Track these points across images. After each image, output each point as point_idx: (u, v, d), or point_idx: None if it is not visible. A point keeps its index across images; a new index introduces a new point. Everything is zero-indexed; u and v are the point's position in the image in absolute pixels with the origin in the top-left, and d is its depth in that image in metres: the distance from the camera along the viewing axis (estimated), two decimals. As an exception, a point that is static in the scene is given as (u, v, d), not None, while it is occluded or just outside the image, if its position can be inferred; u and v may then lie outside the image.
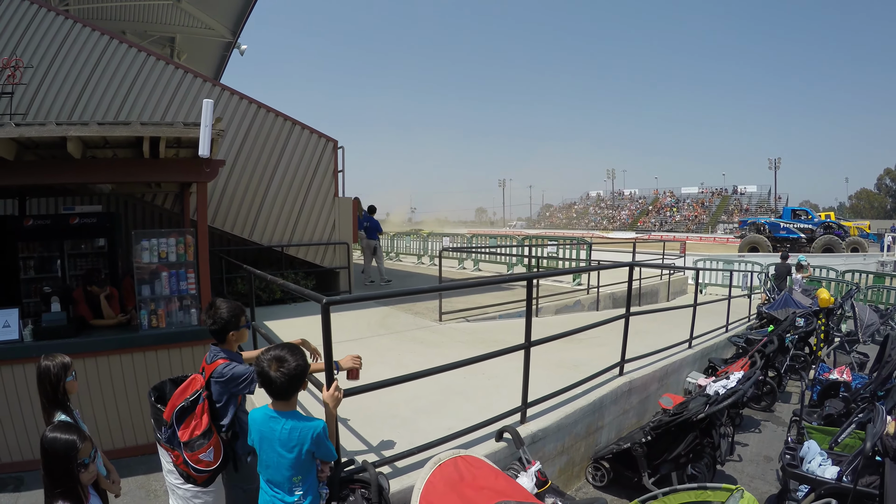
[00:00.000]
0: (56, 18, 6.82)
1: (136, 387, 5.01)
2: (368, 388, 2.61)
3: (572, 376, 4.14)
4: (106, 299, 5.34)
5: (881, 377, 4.82)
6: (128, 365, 4.99)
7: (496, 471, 2.27)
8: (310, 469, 2.18)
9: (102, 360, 4.92)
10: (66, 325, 4.93)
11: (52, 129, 4.46)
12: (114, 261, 6.62)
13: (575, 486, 3.99)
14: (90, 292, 5.35)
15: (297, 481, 2.13)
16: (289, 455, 2.10)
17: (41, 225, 6.18)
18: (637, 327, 6.19)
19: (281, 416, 2.13)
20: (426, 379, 3.19)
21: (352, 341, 5.57)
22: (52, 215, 6.86)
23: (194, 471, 2.58)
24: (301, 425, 2.11)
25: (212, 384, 2.58)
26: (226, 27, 14.64)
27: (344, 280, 8.14)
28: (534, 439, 3.33)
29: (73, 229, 6.27)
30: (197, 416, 2.55)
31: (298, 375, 2.12)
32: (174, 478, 3.50)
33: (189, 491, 3.43)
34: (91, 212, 6.61)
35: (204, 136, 4.15)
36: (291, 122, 7.71)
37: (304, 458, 2.11)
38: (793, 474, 3.31)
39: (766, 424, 5.67)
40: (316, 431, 2.11)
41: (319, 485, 2.26)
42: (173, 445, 2.58)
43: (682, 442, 3.62)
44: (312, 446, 2.10)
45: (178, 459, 2.60)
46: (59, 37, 6.82)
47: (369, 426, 3.30)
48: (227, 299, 2.72)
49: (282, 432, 2.10)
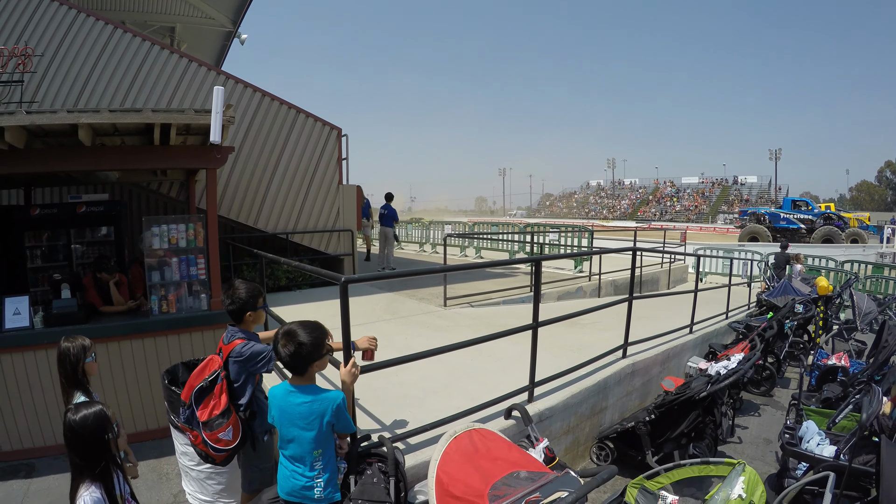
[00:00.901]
0: (60, 8, 6.82)
1: (147, 372, 5.09)
2: (381, 365, 2.68)
3: (576, 358, 4.22)
4: (115, 286, 5.42)
5: (878, 362, 4.91)
6: (139, 350, 5.06)
7: (509, 443, 2.35)
8: (329, 443, 2.23)
9: (114, 345, 4.99)
10: (76, 311, 4.99)
11: (64, 117, 4.48)
12: (120, 249, 6.68)
13: (580, 466, 4.08)
14: (99, 279, 5.41)
15: (317, 455, 2.18)
16: (309, 428, 2.15)
17: (48, 214, 6.22)
18: (639, 313, 6.26)
19: (300, 391, 2.18)
20: (434, 361, 3.27)
21: (358, 326, 5.62)
22: (58, 204, 6.89)
23: (213, 450, 2.60)
24: (321, 397, 2.17)
25: (230, 364, 2.63)
26: (226, 16, 14.53)
27: (348, 266, 8.22)
28: (541, 417, 3.42)
29: (80, 218, 6.31)
30: (216, 395, 2.58)
31: (309, 349, 2.14)
32: (188, 459, 3.58)
33: (204, 472, 3.51)
34: (98, 200, 6.65)
35: (215, 122, 4.19)
36: (296, 110, 7.73)
37: (324, 430, 2.16)
38: (792, 452, 3.41)
39: (766, 408, 5.77)
40: (335, 402, 2.16)
41: (337, 459, 2.33)
42: (192, 426, 2.62)
43: (684, 420, 3.71)
44: (332, 418, 2.16)
45: (196, 439, 2.62)
46: (64, 26, 6.82)
47: (382, 406, 3.39)
48: (245, 280, 2.75)
49: (301, 406, 2.15)
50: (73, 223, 6.31)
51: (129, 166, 5.36)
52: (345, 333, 2.42)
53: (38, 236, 6.15)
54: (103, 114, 4.48)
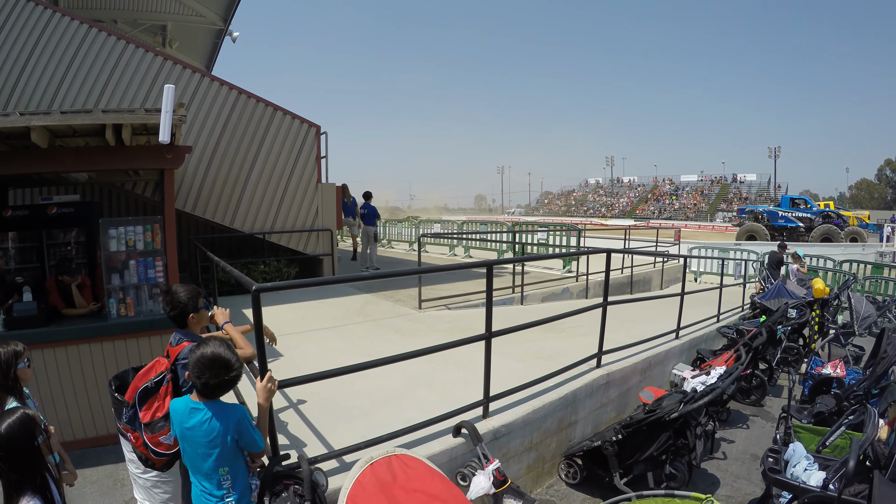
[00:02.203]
0: (35, 8, 6.69)
1: (106, 375, 4.93)
2: (313, 377, 2.49)
3: (546, 367, 4.00)
4: (77, 288, 5.31)
5: (875, 374, 4.63)
6: (97, 353, 4.94)
7: (433, 471, 2.13)
8: (237, 460, 2.09)
9: (72, 349, 4.87)
10: (36, 314, 4.89)
11: (16, 120, 4.46)
12: (92, 250, 6.54)
13: (546, 483, 3.86)
14: (62, 282, 5.30)
15: (223, 473, 2.04)
16: (211, 446, 2.01)
17: (19, 216, 6.11)
18: (622, 315, 6.03)
19: (201, 406, 2.04)
20: (392, 368, 3.08)
21: (326, 329, 5.45)
22: (29, 206, 6.77)
23: (153, 453, 2.54)
24: (222, 413, 2.03)
25: (178, 367, 2.54)
26: (216, 14, 14.43)
27: (328, 267, 8.03)
28: (496, 435, 3.20)
29: (52, 219, 6.18)
30: (160, 397, 2.51)
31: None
32: (135, 467, 3.45)
33: (150, 480, 3.40)
34: (68, 201, 6.51)
35: (164, 122, 4.01)
36: (273, 107, 7.55)
37: (229, 446, 2.03)
38: (774, 480, 3.12)
39: (755, 420, 5.50)
40: (237, 417, 2.02)
41: (250, 475, 2.16)
42: (134, 427, 2.56)
43: (654, 442, 3.45)
44: (235, 434, 2.02)
45: (137, 441, 2.57)
46: (39, 27, 6.70)
47: (326, 417, 3.19)
48: (184, 283, 2.66)
49: (203, 424, 2.02)
50: (45, 224, 6.19)
51: (89, 168, 5.24)
52: (259, 347, 2.23)
53: (10, 238, 6.06)
54: (54, 115, 4.37)
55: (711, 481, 4.10)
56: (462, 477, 2.88)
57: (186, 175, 7.00)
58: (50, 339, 4.78)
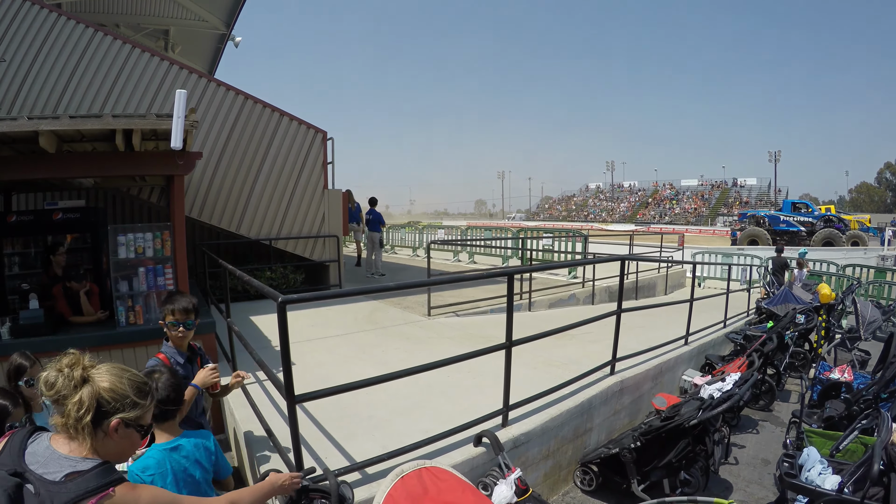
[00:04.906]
0: (41, 12, 6.66)
1: (115, 385, 4.90)
2: (334, 391, 2.46)
3: (561, 375, 3.98)
4: (85, 295, 5.23)
5: (885, 378, 4.62)
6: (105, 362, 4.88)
7: (464, 483, 2.11)
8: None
9: (80, 357, 4.82)
10: (42, 322, 4.82)
11: (24, 124, 4.37)
12: (98, 256, 6.49)
13: (562, 491, 3.84)
14: (69, 288, 5.23)
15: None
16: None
17: (24, 221, 6.05)
18: (631, 322, 6.00)
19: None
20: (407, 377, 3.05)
21: (337, 337, 5.43)
22: (34, 211, 6.73)
23: None
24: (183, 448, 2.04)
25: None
26: (219, 19, 14.43)
27: (334, 273, 8.00)
28: (516, 444, 3.18)
29: (57, 225, 6.13)
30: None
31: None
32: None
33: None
34: (74, 207, 6.46)
35: (176, 127, 3.98)
36: (280, 113, 7.53)
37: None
38: (790, 485, 3.13)
39: (765, 425, 5.49)
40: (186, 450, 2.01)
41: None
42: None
43: (672, 449, 3.44)
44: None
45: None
46: (44, 30, 6.67)
47: (343, 429, 3.16)
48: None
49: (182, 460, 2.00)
50: (50, 230, 6.14)
51: (97, 173, 5.19)
52: (284, 357, 2.22)
53: (15, 244, 6.00)
54: (63, 120, 4.31)
55: (724, 486, 4.10)
56: (484, 486, 2.85)
57: (192, 181, 6.97)
58: (57, 347, 4.70)
